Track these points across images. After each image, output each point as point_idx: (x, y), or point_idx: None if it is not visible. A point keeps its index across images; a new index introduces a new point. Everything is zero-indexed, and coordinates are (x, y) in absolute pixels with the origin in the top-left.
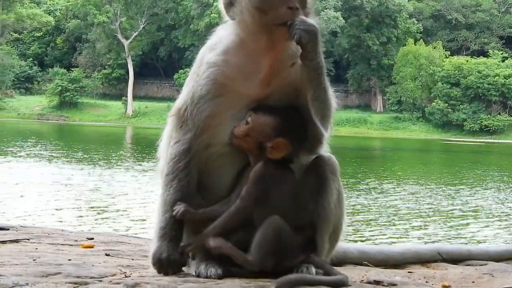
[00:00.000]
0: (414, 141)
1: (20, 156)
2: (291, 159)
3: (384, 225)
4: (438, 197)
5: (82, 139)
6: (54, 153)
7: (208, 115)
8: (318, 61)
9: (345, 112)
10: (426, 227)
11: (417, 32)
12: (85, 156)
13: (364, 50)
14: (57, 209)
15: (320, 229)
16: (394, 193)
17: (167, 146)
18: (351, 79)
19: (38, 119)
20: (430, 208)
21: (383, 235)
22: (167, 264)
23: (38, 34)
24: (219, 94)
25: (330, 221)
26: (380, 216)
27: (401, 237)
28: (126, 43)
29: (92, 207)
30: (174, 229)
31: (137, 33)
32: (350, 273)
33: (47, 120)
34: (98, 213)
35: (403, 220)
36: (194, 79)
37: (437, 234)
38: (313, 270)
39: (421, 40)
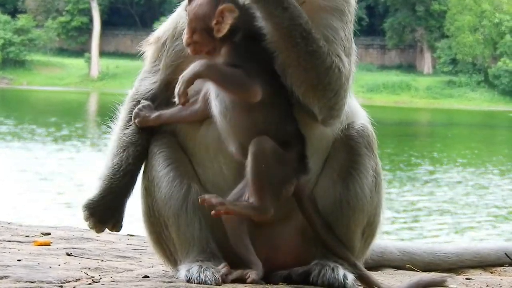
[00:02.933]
0: (474, 113)
1: None
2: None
3: (432, 221)
4: (506, 187)
5: (31, 109)
6: None
7: (184, 59)
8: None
9: (382, 74)
10: (489, 225)
11: None
12: (36, 130)
13: None
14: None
15: (351, 221)
16: (445, 182)
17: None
18: (389, 31)
19: None
20: (493, 202)
21: (433, 235)
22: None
23: None
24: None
25: (364, 211)
26: (427, 214)
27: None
28: None
29: (47, 195)
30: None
31: None
32: (390, 279)
33: None
34: (56, 203)
35: (456, 214)
36: (181, 7)
37: (503, 232)
38: (341, 272)
39: None
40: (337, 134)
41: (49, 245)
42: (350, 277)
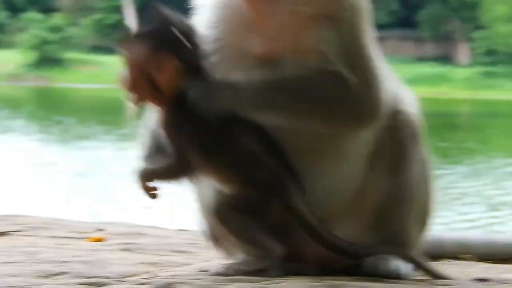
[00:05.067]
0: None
1: None
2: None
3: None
4: None
5: (68, 107)
6: (34, 125)
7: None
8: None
9: (418, 66)
10: None
11: None
12: (75, 129)
13: None
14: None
15: (403, 213)
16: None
17: None
18: (424, 22)
19: (11, 81)
20: None
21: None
22: None
23: None
24: (215, 51)
25: (413, 202)
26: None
27: None
28: None
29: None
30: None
31: None
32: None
33: (23, 82)
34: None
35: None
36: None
37: None
38: (395, 262)
39: None
40: (381, 125)
41: (104, 240)
42: (404, 267)
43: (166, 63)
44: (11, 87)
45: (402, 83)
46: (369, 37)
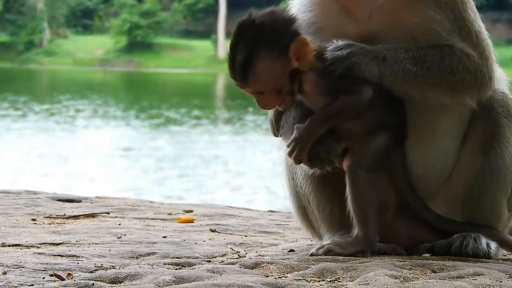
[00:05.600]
0: None
1: (79, 117)
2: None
3: None
4: None
5: (159, 92)
6: (124, 111)
7: (315, 30)
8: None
9: (510, 48)
10: None
11: None
12: (165, 114)
13: None
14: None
15: (496, 192)
16: None
17: None
18: None
19: (101, 66)
20: None
21: None
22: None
23: None
24: (311, 33)
25: (507, 181)
26: None
27: None
28: None
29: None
30: None
31: None
32: None
33: (113, 67)
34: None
35: None
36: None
37: None
38: (484, 241)
39: None
40: (476, 103)
41: (193, 222)
42: (494, 245)
43: (299, 48)
44: (102, 72)
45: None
46: (472, 7)
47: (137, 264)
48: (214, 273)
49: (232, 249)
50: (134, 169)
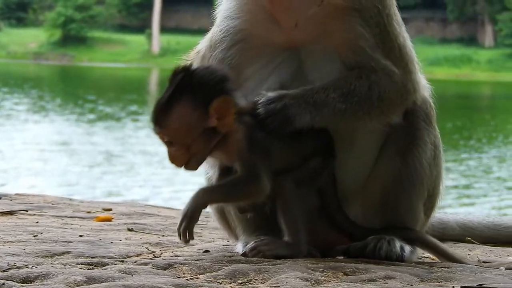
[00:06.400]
0: None
1: (10, 110)
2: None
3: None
4: None
5: (92, 85)
6: (55, 105)
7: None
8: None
9: (443, 47)
10: None
11: None
12: (96, 108)
13: None
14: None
15: (412, 195)
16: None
17: None
18: (450, 4)
19: (35, 59)
20: None
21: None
22: None
23: None
24: (237, 41)
25: (424, 185)
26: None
27: None
28: None
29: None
30: None
31: None
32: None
33: (46, 60)
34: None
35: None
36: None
37: None
38: (398, 244)
39: None
40: None
41: (111, 221)
42: (408, 248)
43: (221, 107)
44: (36, 66)
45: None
46: (398, 19)
47: (51, 263)
48: (125, 273)
49: (148, 249)
50: (69, 164)
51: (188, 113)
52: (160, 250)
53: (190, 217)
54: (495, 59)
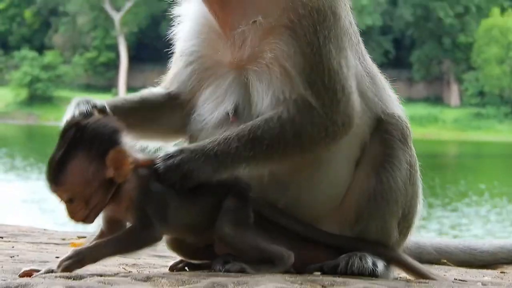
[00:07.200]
0: (501, 145)
1: None
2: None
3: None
4: None
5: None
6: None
7: (184, 87)
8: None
9: (409, 106)
10: None
11: None
12: None
13: (434, 24)
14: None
15: (386, 213)
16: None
17: None
18: (416, 63)
19: (0, 118)
20: None
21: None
22: None
23: (0, 6)
24: (190, 62)
25: (398, 203)
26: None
27: None
28: (117, 17)
29: None
30: None
31: (131, 3)
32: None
33: (12, 120)
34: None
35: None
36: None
37: None
38: (369, 260)
39: (510, 9)
40: (371, 125)
41: None
42: (381, 264)
43: (115, 159)
44: (2, 125)
45: (389, 86)
46: (340, 45)
47: (30, 278)
48: (105, 284)
49: (125, 269)
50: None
51: (85, 167)
52: (137, 271)
53: (78, 261)
54: (461, 118)
